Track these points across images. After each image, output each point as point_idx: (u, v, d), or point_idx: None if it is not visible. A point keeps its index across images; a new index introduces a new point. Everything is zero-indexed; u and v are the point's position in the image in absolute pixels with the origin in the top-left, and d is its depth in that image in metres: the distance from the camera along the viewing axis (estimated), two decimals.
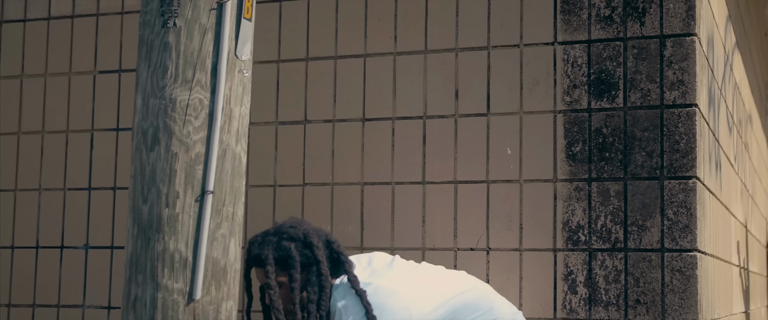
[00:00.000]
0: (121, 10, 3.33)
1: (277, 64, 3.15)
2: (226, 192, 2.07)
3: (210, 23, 2.07)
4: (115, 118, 3.31)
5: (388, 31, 3.03)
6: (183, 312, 2.00)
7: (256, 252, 2.45)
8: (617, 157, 2.75)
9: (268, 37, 3.17)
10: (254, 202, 3.11)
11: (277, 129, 3.13)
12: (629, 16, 2.79)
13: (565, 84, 2.83)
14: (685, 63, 2.72)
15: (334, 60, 3.08)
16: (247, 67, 2.14)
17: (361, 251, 2.98)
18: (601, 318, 2.71)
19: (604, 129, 2.78)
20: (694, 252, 2.66)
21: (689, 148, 2.69)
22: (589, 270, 2.74)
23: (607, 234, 2.73)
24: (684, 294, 2.65)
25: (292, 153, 3.10)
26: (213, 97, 2.06)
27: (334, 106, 3.07)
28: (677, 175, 2.69)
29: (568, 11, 2.85)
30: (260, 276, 2.42)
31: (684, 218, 2.67)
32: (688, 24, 2.73)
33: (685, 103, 2.71)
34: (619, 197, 2.74)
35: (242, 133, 2.13)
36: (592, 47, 2.82)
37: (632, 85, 2.77)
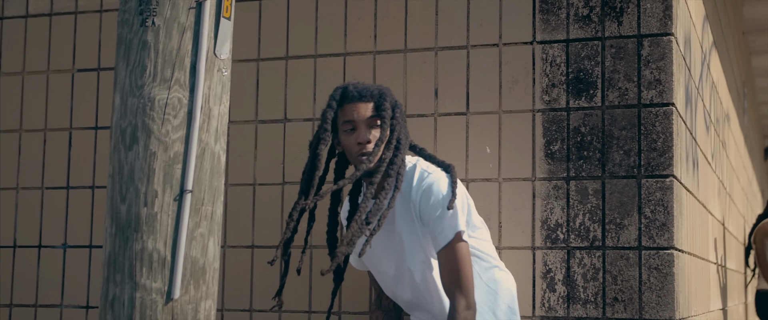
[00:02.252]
0: (100, 8, 3.32)
1: (257, 62, 3.15)
2: (205, 191, 2.07)
3: (189, 22, 2.07)
4: (94, 116, 3.30)
5: (367, 30, 3.04)
6: (161, 312, 2.00)
7: (377, 90, 2.48)
8: (595, 155, 2.77)
9: (248, 36, 3.16)
10: (234, 201, 3.11)
11: (256, 128, 3.13)
12: (607, 16, 2.81)
13: (543, 83, 2.85)
14: (662, 62, 2.74)
15: (313, 59, 3.09)
16: (226, 65, 2.14)
17: None
18: (579, 315, 2.73)
19: (583, 128, 2.79)
20: (671, 250, 2.68)
21: (666, 147, 2.71)
22: (567, 268, 2.76)
23: (586, 232, 2.75)
24: (661, 291, 2.67)
25: (272, 152, 3.10)
26: (192, 95, 2.06)
27: (313, 104, 3.07)
28: (654, 174, 2.71)
29: (546, 11, 2.87)
30: (364, 111, 2.44)
31: (661, 216, 2.70)
32: (665, 24, 2.75)
33: (662, 102, 2.73)
34: (597, 195, 2.75)
35: (221, 132, 2.13)
36: (571, 46, 2.83)
37: (610, 85, 2.79)
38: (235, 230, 3.10)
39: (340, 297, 2.98)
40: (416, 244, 2.49)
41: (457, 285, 2.38)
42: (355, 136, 2.45)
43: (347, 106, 2.46)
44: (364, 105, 2.46)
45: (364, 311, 2.94)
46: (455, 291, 2.38)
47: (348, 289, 2.97)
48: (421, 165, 2.50)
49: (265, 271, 3.06)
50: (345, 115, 2.46)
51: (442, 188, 2.43)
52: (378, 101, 2.46)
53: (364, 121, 2.45)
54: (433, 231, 2.43)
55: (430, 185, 2.43)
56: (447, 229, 2.40)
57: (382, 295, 2.73)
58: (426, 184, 2.44)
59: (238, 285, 3.08)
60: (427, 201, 2.42)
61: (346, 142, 2.47)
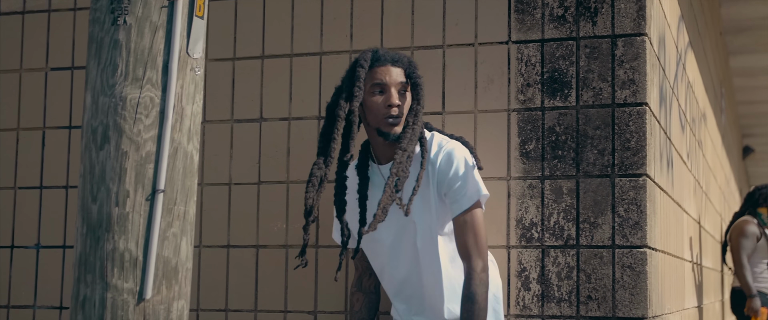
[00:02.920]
0: (74, 7, 3.29)
1: (233, 61, 3.14)
2: (178, 190, 2.06)
3: (161, 21, 2.06)
4: (68, 115, 3.28)
5: (344, 29, 3.04)
6: (133, 312, 1.99)
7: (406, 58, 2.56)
8: (570, 155, 2.78)
9: (224, 35, 3.15)
10: (209, 201, 3.10)
11: (232, 127, 3.12)
12: (582, 16, 2.82)
13: (518, 83, 2.85)
14: (635, 62, 2.76)
15: (290, 58, 3.08)
16: (199, 65, 2.13)
17: (316, 249, 2.98)
18: (553, 314, 2.74)
19: (557, 127, 2.80)
20: (644, 249, 2.70)
21: (640, 146, 2.73)
22: (542, 266, 2.77)
23: (560, 231, 2.76)
24: (634, 289, 2.69)
25: (248, 151, 3.09)
26: (164, 95, 2.05)
27: (289, 104, 3.07)
28: (628, 173, 2.73)
29: (521, 11, 2.87)
30: (396, 74, 2.50)
31: (634, 215, 2.71)
32: (638, 24, 2.77)
33: (635, 102, 2.75)
34: (571, 194, 2.76)
35: (194, 132, 2.13)
36: (546, 46, 2.84)
37: (584, 84, 2.80)
38: (211, 230, 3.09)
39: (316, 297, 2.97)
40: (426, 211, 2.52)
41: (475, 247, 2.46)
42: (384, 97, 2.48)
43: (379, 68, 2.50)
44: (395, 69, 2.51)
45: (339, 310, 2.94)
46: (473, 253, 2.46)
47: (324, 289, 2.97)
48: (437, 136, 2.58)
49: (241, 271, 3.05)
50: (374, 78, 2.49)
51: (463, 154, 2.52)
52: (408, 68, 2.53)
53: (395, 84, 2.49)
54: (454, 196, 2.49)
55: (451, 151, 2.51)
56: (470, 192, 2.49)
57: (364, 277, 2.72)
58: (447, 151, 2.51)
59: (213, 285, 3.07)
60: (449, 167, 2.49)
61: (373, 103, 2.49)
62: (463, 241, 2.47)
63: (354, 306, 2.71)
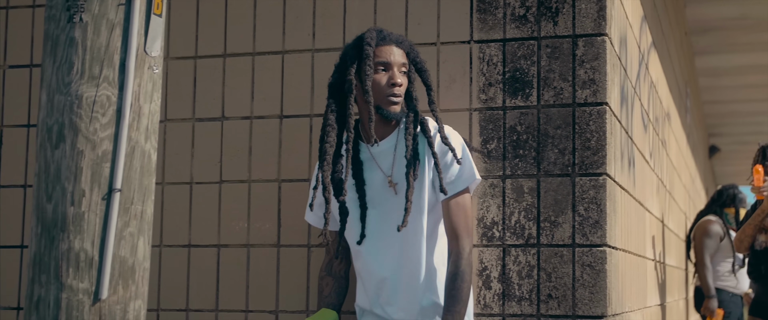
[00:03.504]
0: (32, 4, 3.26)
1: (194, 60, 3.12)
2: (135, 190, 2.05)
3: (118, 18, 2.05)
4: (26, 113, 3.25)
5: (306, 28, 3.03)
6: (88, 313, 1.97)
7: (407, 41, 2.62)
8: (531, 154, 2.79)
9: (185, 33, 3.14)
10: (170, 200, 3.08)
11: (193, 126, 3.10)
12: (543, 16, 2.83)
13: (480, 82, 2.86)
14: (596, 62, 2.78)
15: (251, 56, 3.07)
16: (157, 63, 2.12)
17: (278, 249, 2.97)
18: (514, 313, 2.75)
19: (519, 126, 2.81)
20: (603, 247, 2.71)
21: (600, 146, 2.75)
22: (503, 265, 2.78)
23: (521, 230, 2.77)
24: (594, 288, 2.70)
25: (209, 150, 3.07)
26: (121, 93, 2.04)
27: (251, 102, 3.05)
28: (588, 172, 2.74)
29: (483, 10, 2.88)
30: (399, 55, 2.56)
31: (594, 214, 2.73)
32: (599, 24, 2.78)
33: (595, 102, 2.76)
34: (532, 194, 2.78)
35: (152, 130, 2.11)
36: (507, 46, 2.85)
37: (545, 84, 2.81)
38: (172, 229, 3.07)
39: (277, 296, 2.97)
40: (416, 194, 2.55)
41: (465, 229, 2.53)
42: (389, 76, 2.53)
43: (384, 47, 2.55)
44: (399, 50, 2.57)
45: (301, 310, 2.94)
46: (463, 234, 2.53)
47: (285, 288, 2.96)
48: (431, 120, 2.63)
49: (202, 271, 3.04)
50: (379, 56, 2.53)
51: (459, 137, 2.61)
52: (410, 50, 2.60)
53: (398, 65, 2.54)
54: (448, 177, 2.55)
55: (449, 132, 2.59)
56: (466, 175, 2.57)
57: (334, 261, 2.72)
58: (447, 130, 2.59)
59: (174, 284, 3.05)
60: (447, 147, 2.54)
61: (376, 81, 2.53)
62: (454, 222, 2.53)
63: (323, 290, 2.70)
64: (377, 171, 2.58)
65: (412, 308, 2.56)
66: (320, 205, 2.68)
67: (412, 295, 2.56)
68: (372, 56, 2.51)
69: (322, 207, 2.67)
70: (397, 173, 2.57)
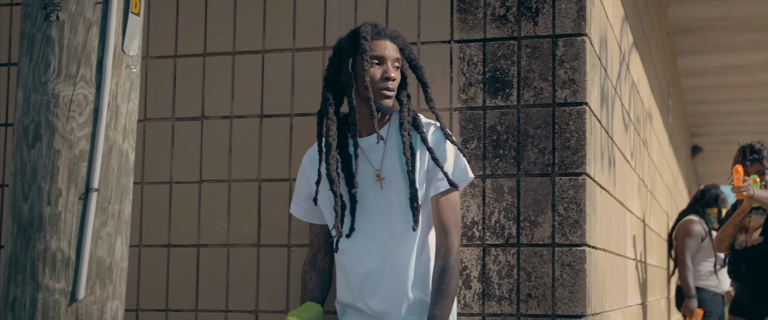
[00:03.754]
0: (10, 2, 3.24)
1: (174, 59, 3.11)
2: (113, 189, 2.04)
3: (95, 17, 2.04)
4: (4, 112, 3.23)
5: (286, 27, 3.02)
6: (65, 313, 1.97)
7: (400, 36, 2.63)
8: (511, 154, 2.80)
9: (165, 32, 3.12)
10: (149, 200, 3.07)
11: (173, 125, 3.09)
12: (523, 16, 2.84)
13: (461, 82, 2.87)
14: (576, 62, 2.78)
15: (232, 56, 3.06)
16: (135, 62, 2.11)
17: (258, 248, 2.97)
18: (494, 312, 2.76)
19: (499, 126, 2.82)
20: (583, 247, 2.72)
21: (579, 145, 2.75)
22: (483, 265, 2.78)
23: (501, 229, 2.78)
24: (573, 287, 2.71)
25: (189, 149, 3.06)
26: (98, 92, 2.03)
27: (231, 102, 3.05)
28: (568, 172, 2.75)
29: (464, 10, 2.88)
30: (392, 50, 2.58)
31: (574, 213, 2.73)
32: (579, 24, 2.79)
33: (575, 102, 2.77)
34: (512, 193, 2.78)
35: (130, 130, 2.11)
36: (487, 46, 2.85)
37: (526, 84, 2.82)
38: (151, 229, 3.06)
39: (257, 296, 2.96)
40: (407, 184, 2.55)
41: (454, 225, 2.55)
42: (383, 70, 2.55)
43: (379, 41, 2.57)
44: (392, 45, 2.59)
45: (281, 310, 2.93)
46: (452, 230, 2.54)
47: (265, 288, 2.95)
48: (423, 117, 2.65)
49: (182, 270, 3.03)
50: (374, 50, 2.55)
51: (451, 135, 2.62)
52: (404, 46, 2.62)
53: (392, 59, 2.57)
54: (437, 174, 2.56)
55: (441, 131, 2.61)
56: (458, 172, 2.59)
57: (319, 255, 2.72)
58: (437, 128, 2.62)
59: (153, 284, 3.04)
60: (441, 143, 2.58)
61: (371, 74, 2.54)
62: (444, 218, 2.55)
63: (307, 284, 2.71)
64: (366, 165, 2.58)
65: (398, 301, 2.55)
66: (306, 198, 2.68)
67: (399, 289, 2.55)
68: (368, 50, 2.53)
69: (307, 200, 2.67)
70: (386, 167, 2.57)
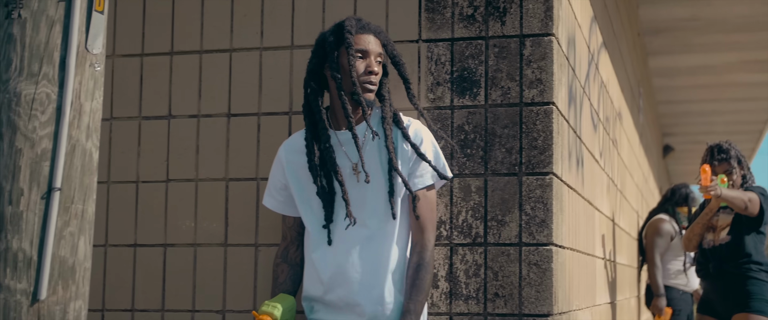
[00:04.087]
0: None
1: (141, 57, 3.09)
2: (76, 189, 2.03)
3: (58, 15, 2.03)
4: None
5: (254, 26, 3.01)
6: (26, 313, 1.95)
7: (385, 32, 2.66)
8: (478, 153, 2.81)
9: (132, 30, 3.10)
10: (116, 199, 3.05)
11: (140, 124, 3.07)
12: (491, 16, 2.85)
13: (429, 81, 2.87)
14: (543, 62, 2.79)
15: (199, 55, 3.05)
16: (99, 60, 2.09)
17: (225, 248, 2.95)
18: (461, 311, 2.76)
19: (466, 126, 2.82)
20: (549, 246, 2.73)
21: (546, 145, 2.76)
22: (450, 264, 2.79)
23: (468, 229, 2.79)
24: (540, 286, 2.72)
25: (156, 148, 3.05)
26: (61, 91, 2.01)
27: (199, 101, 3.03)
28: (535, 171, 2.76)
29: (432, 9, 2.89)
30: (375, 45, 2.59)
31: (541, 213, 2.75)
32: (546, 24, 2.80)
33: (542, 101, 2.78)
34: (479, 193, 2.79)
35: (94, 129, 2.09)
36: (455, 45, 2.86)
37: (493, 83, 2.82)
38: (117, 228, 3.04)
39: (224, 296, 2.95)
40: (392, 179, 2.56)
41: (431, 223, 2.58)
42: (366, 63, 2.56)
43: (363, 35, 2.58)
44: (375, 40, 2.60)
45: (248, 309, 2.92)
46: (428, 228, 2.57)
47: (232, 287, 2.94)
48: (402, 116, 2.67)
49: (148, 270, 3.01)
50: (357, 44, 2.56)
51: (430, 135, 2.65)
52: (387, 42, 2.64)
53: (375, 54, 2.58)
54: (422, 169, 2.58)
55: (422, 128, 2.63)
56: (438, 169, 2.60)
57: (291, 248, 2.71)
58: (417, 125, 2.63)
59: (119, 284, 3.02)
60: (419, 140, 2.59)
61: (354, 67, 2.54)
62: (421, 215, 2.57)
63: (278, 277, 2.70)
64: (343, 158, 2.58)
65: (371, 295, 2.54)
66: (280, 190, 2.68)
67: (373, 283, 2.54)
68: (353, 44, 2.55)
69: (281, 192, 2.68)
70: (364, 161, 2.58)
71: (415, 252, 2.55)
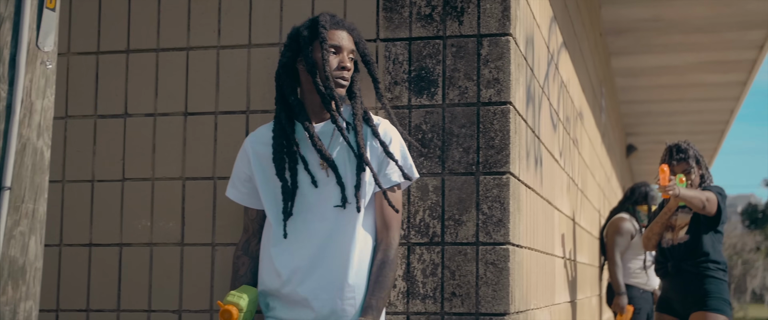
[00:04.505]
0: None
1: (96, 55, 3.06)
2: (26, 188, 2.00)
3: (8, 12, 2.00)
4: None
5: (211, 24, 3.00)
6: None
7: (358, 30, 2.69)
8: (436, 152, 2.81)
9: (87, 28, 3.07)
10: (71, 198, 3.02)
11: (95, 122, 3.04)
12: (448, 15, 2.85)
13: (386, 81, 2.87)
14: (500, 62, 2.80)
15: (156, 53, 3.02)
16: (50, 58, 2.07)
17: (182, 247, 2.94)
18: (418, 310, 2.77)
19: (424, 125, 2.83)
20: (506, 246, 2.75)
21: (503, 145, 2.78)
22: (408, 263, 2.79)
23: (426, 228, 2.79)
24: (496, 286, 2.73)
25: (112, 147, 3.02)
26: (11, 89, 1.99)
27: (155, 99, 3.01)
28: (492, 171, 2.77)
29: (390, 9, 2.89)
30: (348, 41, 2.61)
31: (498, 212, 2.76)
32: (503, 24, 2.81)
33: (500, 101, 2.79)
34: (437, 192, 2.80)
35: (45, 127, 2.07)
36: (413, 45, 2.86)
37: (451, 83, 2.83)
38: (72, 228, 3.01)
39: (181, 296, 2.93)
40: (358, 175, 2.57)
41: (396, 221, 2.60)
42: (339, 58, 2.58)
43: (336, 31, 2.60)
44: (348, 36, 2.63)
45: (205, 309, 2.91)
46: (394, 226, 2.59)
47: (188, 287, 2.92)
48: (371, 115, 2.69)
49: (103, 270, 2.99)
50: (331, 39, 2.58)
51: (399, 135, 2.67)
52: (359, 40, 2.66)
53: (348, 50, 2.61)
54: (390, 168, 2.60)
55: (390, 127, 2.65)
56: (406, 169, 2.63)
57: (252, 240, 2.70)
58: (387, 124, 2.66)
59: (74, 284, 2.99)
60: (388, 139, 2.62)
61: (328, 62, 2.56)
62: (387, 214, 2.59)
63: (239, 270, 2.69)
64: (312, 152, 2.58)
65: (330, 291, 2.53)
66: (244, 182, 2.67)
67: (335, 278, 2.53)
68: (327, 39, 2.57)
69: (246, 183, 2.67)
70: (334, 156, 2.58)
71: (380, 249, 2.57)
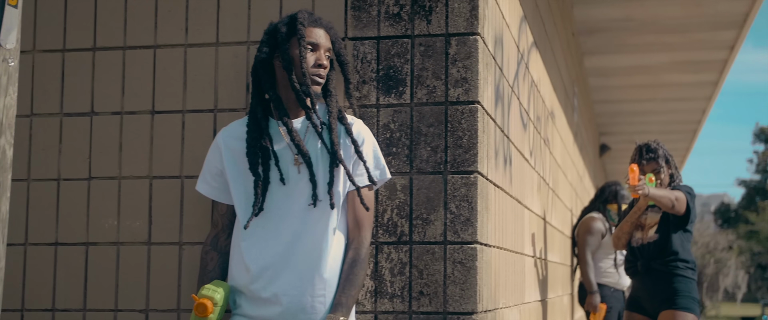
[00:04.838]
0: None
1: (62, 53, 3.03)
2: None
3: None
4: None
5: (179, 22, 2.98)
6: None
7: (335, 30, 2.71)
8: (404, 151, 2.81)
9: (53, 25, 3.04)
10: (36, 196, 2.99)
11: (61, 121, 3.01)
12: (417, 14, 2.85)
13: (354, 80, 2.86)
14: (468, 61, 2.81)
15: (122, 50, 3.00)
16: (12, 55, 2.05)
17: (149, 246, 2.92)
18: (386, 309, 2.77)
19: (392, 124, 2.83)
20: (474, 245, 2.75)
21: (471, 144, 2.78)
22: (375, 263, 2.79)
23: (394, 227, 2.79)
24: (464, 285, 2.74)
25: (78, 145, 2.99)
26: None
27: (122, 97, 2.99)
28: (460, 170, 2.77)
29: (358, 7, 2.88)
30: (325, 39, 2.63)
31: (466, 211, 2.76)
32: (471, 23, 2.82)
33: (468, 100, 2.80)
34: (405, 191, 2.79)
35: (7, 125, 2.05)
36: (381, 44, 2.86)
37: (419, 82, 2.83)
38: (37, 227, 2.98)
39: (148, 295, 2.91)
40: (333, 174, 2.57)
41: (368, 221, 2.62)
42: (316, 56, 2.60)
43: (314, 29, 2.62)
44: (325, 35, 2.64)
45: (172, 308, 2.89)
46: (366, 226, 2.60)
47: (155, 286, 2.90)
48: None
49: (69, 269, 2.96)
50: (309, 36, 2.60)
51: (372, 136, 2.70)
52: (336, 39, 2.68)
53: (325, 48, 2.62)
54: (362, 168, 2.61)
55: (364, 127, 2.68)
56: (379, 169, 2.66)
57: (221, 236, 2.69)
58: (361, 124, 2.67)
59: (39, 284, 2.96)
60: (362, 139, 2.63)
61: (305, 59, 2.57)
62: (360, 213, 2.60)
63: (207, 265, 2.67)
64: (286, 148, 2.59)
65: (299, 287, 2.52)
66: (215, 176, 2.67)
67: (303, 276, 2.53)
68: (305, 36, 2.57)
69: (216, 178, 2.67)
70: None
71: (352, 248, 2.58)
